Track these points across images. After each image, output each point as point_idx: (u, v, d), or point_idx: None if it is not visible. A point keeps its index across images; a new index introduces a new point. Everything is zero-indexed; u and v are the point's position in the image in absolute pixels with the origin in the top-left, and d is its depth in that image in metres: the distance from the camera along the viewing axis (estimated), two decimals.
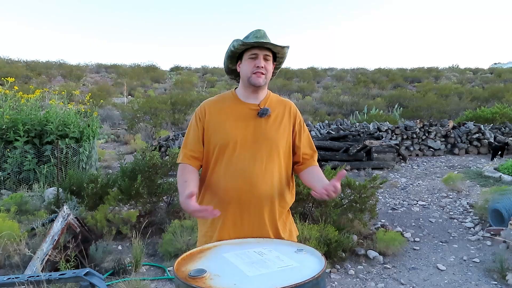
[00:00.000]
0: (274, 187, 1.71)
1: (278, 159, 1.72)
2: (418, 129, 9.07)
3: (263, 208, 1.69)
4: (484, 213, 4.65)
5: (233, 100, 1.77)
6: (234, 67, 1.80)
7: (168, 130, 12.69)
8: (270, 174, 1.70)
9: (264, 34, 1.69)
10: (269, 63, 1.71)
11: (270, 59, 1.71)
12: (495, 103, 13.80)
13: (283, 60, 1.81)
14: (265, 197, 1.69)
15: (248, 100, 1.75)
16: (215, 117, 1.73)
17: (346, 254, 3.68)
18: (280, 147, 1.72)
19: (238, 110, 1.74)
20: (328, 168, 4.25)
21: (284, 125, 1.76)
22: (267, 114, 1.72)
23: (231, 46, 1.71)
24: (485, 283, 3.26)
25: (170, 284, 3.24)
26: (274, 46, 1.69)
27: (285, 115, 1.78)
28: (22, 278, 2.12)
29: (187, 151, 1.76)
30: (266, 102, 1.76)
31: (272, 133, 1.71)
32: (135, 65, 35.63)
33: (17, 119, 6.06)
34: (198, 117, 1.77)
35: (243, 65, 1.72)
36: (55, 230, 3.25)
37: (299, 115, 1.84)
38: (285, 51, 1.75)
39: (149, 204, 4.36)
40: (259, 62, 1.67)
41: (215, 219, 1.72)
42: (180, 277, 1.25)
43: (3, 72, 19.92)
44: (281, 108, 1.79)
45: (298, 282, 1.17)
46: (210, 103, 1.79)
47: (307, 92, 22.61)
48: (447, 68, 36.78)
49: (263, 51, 1.68)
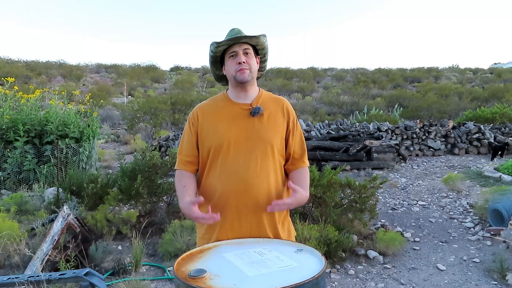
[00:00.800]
0: (271, 187, 1.70)
1: (273, 158, 1.71)
2: (418, 129, 9.07)
3: (261, 208, 1.68)
4: (484, 213, 4.65)
5: (224, 101, 1.76)
6: (221, 73, 1.79)
7: (168, 130, 12.69)
8: (265, 173, 1.69)
9: (238, 31, 1.68)
10: (250, 57, 1.70)
11: (250, 52, 1.70)
12: (495, 103, 13.81)
13: (265, 51, 1.79)
14: (262, 197, 1.67)
15: (239, 100, 1.74)
16: (208, 120, 1.73)
17: (346, 254, 3.68)
18: (274, 145, 1.71)
19: (230, 111, 1.73)
20: (328, 168, 4.25)
21: (278, 123, 1.74)
22: (260, 112, 1.70)
23: (210, 51, 1.71)
24: (485, 283, 3.26)
25: (170, 284, 3.24)
26: (250, 38, 1.68)
27: (278, 113, 1.75)
28: (22, 278, 2.12)
29: (182, 157, 1.78)
30: (258, 101, 1.75)
31: (265, 132, 1.70)
32: (135, 65, 35.66)
33: (17, 119, 6.06)
34: (191, 122, 1.77)
35: (227, 66, 1.72)
36: (55, 230, 3.25)
37: (292, 112, 1.81)
38: (262, 40, 1.72)
39: (149, 204, 4.36)
40: (240, 58, 1.66)
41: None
42: (180, 277, 1.25)
43: (3, 72, 19.93)
44: (274, 106, 1.77)
45: (298, 282, 1.17)
46: (202, 106, 1.79)
47: (307, 92, 22.61)
48: (447, 68, 36.79)
49: (241, 46, 1.67)
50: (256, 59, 1.75)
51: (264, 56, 1.81)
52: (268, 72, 31.06)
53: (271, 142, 1.70)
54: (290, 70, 32.38)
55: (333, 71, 35.52)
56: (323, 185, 3.98)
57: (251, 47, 1.71)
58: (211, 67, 1.79)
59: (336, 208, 4.02)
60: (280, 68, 32.41)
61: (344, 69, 36.88)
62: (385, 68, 34.57)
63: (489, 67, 39.35)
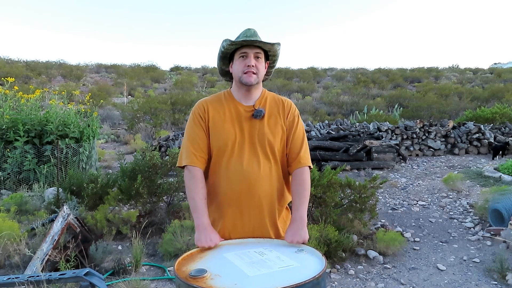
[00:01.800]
0: (273, 187, 1.71)
1: (274, 159, 1.72)
2: (418, 129, 9.07)
3: (263, 208, 1.69)
4: (484, 213, 4.65)
5: (229, 100, 1.76)
6: (227, 69, 1.79)
7: (168, 130, 12.69)
8: (268, 174, 1.69)
9: (254, 33, 1.67)
10: (260, 62, 1.69)
11: (261, 57, 1.69)
12: (495, 103, 13.80)
13: (276, 58, 1.79)
14: (264, 198, 1.68)
15: (243, 101, 1.74)
16: (216, 117, 1.72)
17: (346, 254, 3.68)
18: (275, 146, 1.71)
19: (234, 111, 1.73)
20: (328, 168, 4.25)
21: (278, 124, 1.74)
22: (262, 115, 1.71)
23: (221, 47, 1.70)
24: (485, 283, 3.26)
25: (170, 284, 3.24)
26: (264, 44, 1.67)
27: (280, 114, 1.76)
28: (22, 278, 2.12)
29: (194, 152, 1.68)
30: (261, 102, 1.75)
31: (267, 134, 1.71)
32: (135, 65, 35.63)
33: (17, 119, 6.06)
34: (199, 116, 1.73)
35: (234, 65, 1.71)
36: (55, 230, 3.25)
37: (293, 112, 1.78)
38: (275, 48, 1.72)
39: (149, 204, 4.36)
40: (249, 61, 1.66)
41: (215, 220, 1.72)
42: (181, 277, 1.25)
43: (3, 72, 19.93)
44: (276, 107, 1.77)
45: (298, 282, 1.17)
46: (209, 102, 1.76)
47: (307, 92, 22.60)
48: (447, 68, 36.78)
49: (253, 49, 1.66)
50: (265, 64, 1.76)
51: (273, 62, 1.81)
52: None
53: (272, 143, 1.71)
54: (290, 70, 32.37)
55: (333, 71, 35.51)
56: (323, 185, 3.98)
57: (262, 52, 1.70)
58: (219, 61, 1.78)
59: (336, 208, 4.02)
60: (280, 68, 32.39)
61: (344, 69, 36.88)
62: (385, 68, 34.57)
63: (489, 67, 39.34)
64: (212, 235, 1.59)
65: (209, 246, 1.56)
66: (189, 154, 1.68)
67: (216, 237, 1.61)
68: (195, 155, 1.68)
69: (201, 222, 1.61)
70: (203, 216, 1.63)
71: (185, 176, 1.69)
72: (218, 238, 1.61)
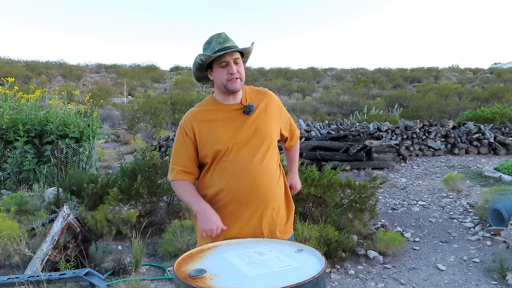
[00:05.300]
0: (275, 180, 1.76)
1: (274, 149, 1.78)
2: (418, 129, 9.07)
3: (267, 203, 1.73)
4: (484, 213, 4.65)
5: (215, 105, 1.77)
6: (204, 75, 1.79)
7: (168, 130, 12.69)
8: (270, 167, 1.74)
9: (225, 37, 1.68)
10: (240, 65, 1.70)
11: (239, 61, 1.70)
12: (495, 103, 13.79)
13: (249, 54, 1.80)
14: (268, 192, 1.72)
15: (229, 102, 1.75)
16: (204, 127, 1.72)
17: (346, 254, 3.68)
18: (273, 137, 1.77)
19: (224, 113, 1.74)
20: (328, 168, 4.25)
21: (270, 114, 1.78)
22: (253, 110, 1.73)
23: (198, 59, 1.68)
24: (485, 283, 3.26)
25: (170, 284, 3.24)
26: (243, 49, 1.69)
27: (267, 104, 1.79)
28: (22, 278, 2.12)
29: (179, 168, 1.74)
30: (246, 98, 1.77)
31: (262, 126, 1.73)
32: (135, 65, 35.61)
33: (17, 119, 6.06)
34: (184, 132, 1.74)
35: (216, 74, 1.70)
36: (55, 230, 3.25)
37: (276, 98, 1.86)
38: (251, 49, 1.74)
39: (149, 204, 4.36)
40: (231, 69, 1.66)
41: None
42: (180, 277, 1.26)
43: (3, 72, 19.92)
44: (259, 97, 1.80)
45: (298, 282, 1.17)
46: (193, 114, 1.77)
47: (307, 92, 22.60)
48: (447, 68, 36.77)
49: (231, 55, 1.66)
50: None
51: (246, 57, 1.82)
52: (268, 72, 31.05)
53: (270, 135, 1.75)
54: (290, 70, 32.35)
55: (333, 71, 35.50)
56: (323, 185, 3.98)
57: (239, 54, 1.71)
58: (195, 71, 1.77)
59: (336, 208, 4.02)
60: (280, 68, 32.40)
61: (344, 69, 36.86)
62: (385, 68, 34.55)
63: (489, 67, 39.32)
64: (213, 217, 1.64)
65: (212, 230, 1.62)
66: (174, 169, 1.75)
67: (217, 218, 1.65)
68: (179, 170, 1.74)
69: (199, 207, 1.67)
70: (200, 202, 1.68)
71: (174, 188, 1.78)
72: (219, 220, 1.65)
